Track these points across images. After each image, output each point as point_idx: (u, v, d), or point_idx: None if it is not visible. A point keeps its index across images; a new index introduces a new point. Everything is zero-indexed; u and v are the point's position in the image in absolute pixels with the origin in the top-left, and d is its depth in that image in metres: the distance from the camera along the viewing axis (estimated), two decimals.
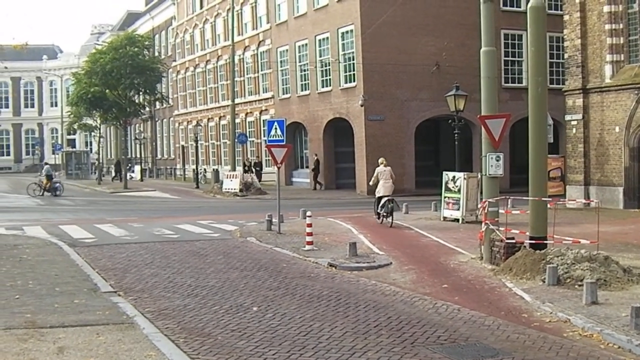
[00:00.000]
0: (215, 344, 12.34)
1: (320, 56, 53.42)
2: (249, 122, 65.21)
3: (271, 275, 18.99)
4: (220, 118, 70.95)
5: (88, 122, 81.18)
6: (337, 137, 53.67)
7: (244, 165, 58.08)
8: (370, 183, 31.97)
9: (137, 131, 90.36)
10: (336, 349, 12.02)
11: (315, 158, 54.47)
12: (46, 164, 60.48)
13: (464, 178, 30.51)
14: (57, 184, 56.45)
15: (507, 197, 23.53)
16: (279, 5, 59.14)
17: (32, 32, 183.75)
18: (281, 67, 58.87)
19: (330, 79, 52.29)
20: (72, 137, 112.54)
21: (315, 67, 53.53)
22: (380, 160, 31.41)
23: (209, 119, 73.77)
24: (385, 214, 30.04)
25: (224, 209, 42.26)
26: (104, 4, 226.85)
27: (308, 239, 23.71)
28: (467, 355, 11.79)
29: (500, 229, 20.07)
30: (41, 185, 55.64)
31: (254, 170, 57.60)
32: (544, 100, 19.23)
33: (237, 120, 61.44)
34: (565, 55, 37.23)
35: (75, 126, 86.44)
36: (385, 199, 30.07)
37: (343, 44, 50.65)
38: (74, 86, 70.40)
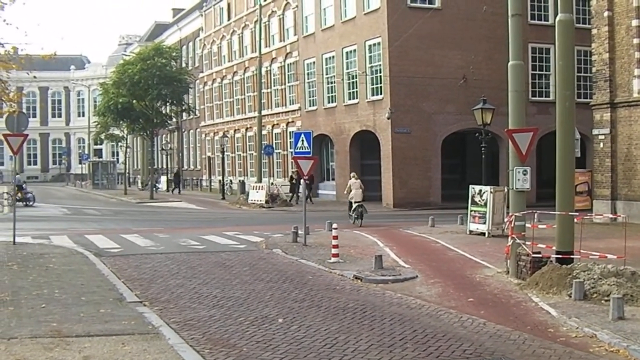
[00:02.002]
0: (240, 355, 12.34)
1: (348, 68, 53.46)
2: (275, 133, 65.31)
3: (297, 287, 18.99)
4: (246, 129, 71.09)
5: (115, 133, 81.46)
6: (364, 149, 53.64)
7: (291, 178, 57.62)
8: (345, 192, 38.53)
9: (164, 142, 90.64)
10: None
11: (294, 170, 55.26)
12: (17, 174, 58.73)
13: (491, 192, 30.38)
14: (29, 194, 55.68)
15: (534, 211, 23.41)
16: (306, 17, 59.25)
17: (62, 42, 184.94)
18: (308, 79, 58.95)
19: (357, 91, 52.31)
20: (99, 147, 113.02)
21: (342, 79, 53.57)
22: (352, 175, 38.64)
23: (235, 130, 73.90)
24: (356, 216, 36.27)
25: (250, 220, 42.31)
26: (132, 15, 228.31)
27: (334, 251, 23.70)
28: None
29: (527, 243, 19.99)
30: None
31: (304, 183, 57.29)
32: (572, 114, 19.16)
33: (264, 132, 61.56)
34: (593, 69, 37.05)
35: (102, 136, 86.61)
36: (357, 204, 36.39)
37: (370, 57, 50.67)
38: (102, 96, 70.71)
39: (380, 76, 49.35)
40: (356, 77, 52.11)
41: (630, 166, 34.83)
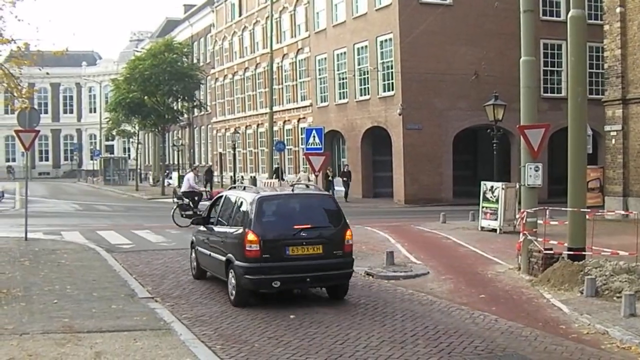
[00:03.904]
0: (252, 351, 12.36)
1: (359, 64, 53.35)
2: (286, 129, 65.19)
3: None
4: (258, 125, 71.03)
5: (126, 129, 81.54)
6: (375, 145, 53.56)
7: (326, 175, 57.04)
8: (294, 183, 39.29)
9: (175, 138, 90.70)
10: (373, 358, 12.01)
11: (276, 166, 56.03)
12: None
13: (502, 188, 30.33)
14: None
15: (546, 207, 23.31)
16: (317, 13, 59.15)
17: (74, 38, 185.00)
18: (319, 75, 58.83)
19: (368, 87, 52.21)
20: (110, 143, 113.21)
21: (354, 75, 53.46)
22: (302, 170, 40.09)
23: (246, 127, 73.83)
24: None
25: None
26: (143, 11, 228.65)
27: None
28: None
29: (539, 239, 19.96)
30: None
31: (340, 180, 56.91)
32: (584, 110, 19.11)
33: (275, 128, 61.35)
34: (605, 66, 36.91)
35: (114, 132, 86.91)
36: None
37: (382, 53, 50.57)
38: (113, 92, 70.57)
39: (392, 72, 49.24)
40: (367, 73, 52.00)
41: None
